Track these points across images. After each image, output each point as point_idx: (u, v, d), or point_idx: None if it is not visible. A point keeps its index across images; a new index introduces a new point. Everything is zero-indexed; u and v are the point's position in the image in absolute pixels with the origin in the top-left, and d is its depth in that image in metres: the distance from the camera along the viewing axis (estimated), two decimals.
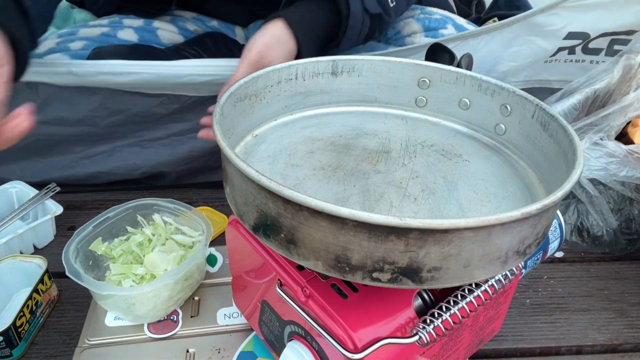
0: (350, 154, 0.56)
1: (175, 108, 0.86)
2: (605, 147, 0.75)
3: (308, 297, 0.47)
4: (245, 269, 0.58)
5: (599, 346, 0.67)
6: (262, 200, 0.40)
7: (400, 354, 0.47)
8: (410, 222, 0.34)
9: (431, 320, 0.46)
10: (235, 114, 0.54)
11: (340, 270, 0.39)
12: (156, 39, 1.00)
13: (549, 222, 0.44)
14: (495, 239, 0.38)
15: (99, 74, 0.80)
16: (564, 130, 0.49)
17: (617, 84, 0.78)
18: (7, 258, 0.70)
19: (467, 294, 0.48)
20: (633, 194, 0.76)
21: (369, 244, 0.37)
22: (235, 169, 0.41)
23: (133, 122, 0.87)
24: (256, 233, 0.44)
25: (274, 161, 0.54)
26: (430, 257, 0.37)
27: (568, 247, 0.83)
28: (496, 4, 1.27)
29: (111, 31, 0.97)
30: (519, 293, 0.74)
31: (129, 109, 0.86)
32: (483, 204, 0.50)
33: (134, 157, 0.90)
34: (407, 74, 0.63)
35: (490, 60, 0.90)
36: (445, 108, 0.63)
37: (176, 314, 0.68)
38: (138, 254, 0.69)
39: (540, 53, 0.89)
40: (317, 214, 0.37)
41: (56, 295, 0.72)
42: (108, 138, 0.89)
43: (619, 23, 0.84)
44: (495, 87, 0.58)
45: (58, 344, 0.66)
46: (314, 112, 0.64)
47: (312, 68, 0.61)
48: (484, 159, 0.57)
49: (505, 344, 0.67)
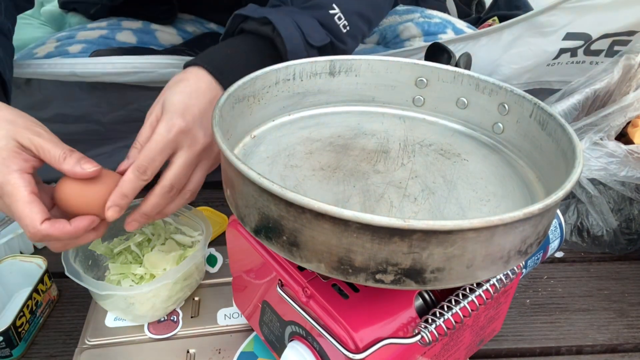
0: (349, 154, 0.56)
1: None
2: (605, 147, 0.75)
3: (309, 298, 0.47)
4: (246, 269, 0.58)
5: (599, 346, 0.67)
6: (263, 202, 0.40)
7: (402, 354, 0.47)
8: (414, 224, 0.34)
9: (433, 320, 0.46)
10: (234, 116, 0.54)
11: (343, 272, 0.39)
12: (155, 40, 1.00)
13: (550, 221, 0.44)
14: (498, 239, 0.38)
15: (103, 75, 0.80)
16: (563, 129, 0.49)
17: (617, 84, 0.78)
18: (7, 258, 0.70)
19: (469, 293, 0.48)
20: (633, 194, 0.76)
21: (372, 246, 0.37)
22: (236, 172, 0.41)
23: (135, 118, 0.87)
24: (258, 235, 0.43)
25: (272, 162, 0.54)
26: (434, 258, 0.37)
27: (568, 247, 0.83)
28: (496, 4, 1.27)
29: (110, 34, 0.97)
30: (519, 293, 0.74)
31: (131, 103, 0.86)
32: (483, 203, 0.50)
33: None
34: (404, 74, 0.63)
35: (491, 63, 0.90)
36: (443, 107, 0.63)
37: (176, 315, 0.68)
38: (137, 253, 0.69)
39: (542, 55, 0.89)
40: (319, 217, 0.37)
41: (56, 295, 0.72)
42: (109, 137, 0.89)
43: (620, 24, 0.84)
44: (493, 86, 0.58)
45: (58, 344, 0.66)
46: (312, 113, 0.64)
47: (310, 68, 0.61)
48: (483, 158, 0.57)
49: (506, 344, 0.67)
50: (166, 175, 0.58)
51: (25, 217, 0.50)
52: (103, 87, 0.83)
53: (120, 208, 0.54)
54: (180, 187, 0.59)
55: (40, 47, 0.93)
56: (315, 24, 0.70)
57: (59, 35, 0.97)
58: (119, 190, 0.54)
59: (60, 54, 0.90)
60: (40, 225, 0.50)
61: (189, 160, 0.58)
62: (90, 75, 0.80)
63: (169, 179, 0.57)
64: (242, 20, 0.70)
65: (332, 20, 0.71)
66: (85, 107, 0.85)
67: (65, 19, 1.15)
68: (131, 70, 0.81)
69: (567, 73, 0.92)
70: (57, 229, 0.51)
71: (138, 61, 0.81)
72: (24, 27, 1.11)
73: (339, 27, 0.72)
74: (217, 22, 1.12)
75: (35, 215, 0.50)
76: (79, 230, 0.53)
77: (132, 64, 0.81)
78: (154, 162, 0.56)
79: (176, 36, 1.04)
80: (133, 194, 0.55)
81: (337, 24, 0.71)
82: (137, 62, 0.81)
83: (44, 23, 1.19)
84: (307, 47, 0.68)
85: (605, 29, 0.85)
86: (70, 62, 0.81)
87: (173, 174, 0.58)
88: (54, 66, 0.80)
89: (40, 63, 0.80)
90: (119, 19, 1.02)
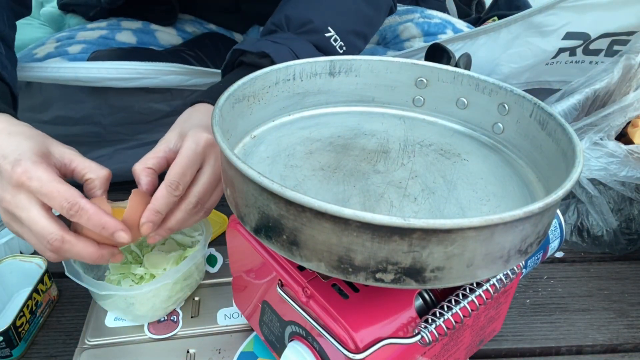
0: (349, 154, 0.56)
1: (178, 104, 0.86)
2: (605, 147, 0.75)
3: (309, 298, 0.47)
4: (246, 269, 0.58)
5: (599, 346, 0.67)
6: (263, 202, 0.40)
7: (402, 354, 0.47)
8: (414, 223, 0.34)
9: (433, 320, 0.46)
10: (234, 115, 0.54)
11: (343, 271, 0.39)
12: (155, 41, 1.00)
13: (550, 220, 0.44)
14: (498, 238, 0.38)
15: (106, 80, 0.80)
16: (563, 128, 0.49)
17: (617, 84, 0.78)
18: (7, 258, 0.70)
19: (469, 293, 0.48)
20: (633, 194, 0.76)
21: (373, 245, 0.37)
22: (236, 171, 0.41)
23: (135, 120, 0.87)
24: (258, 235, 0.43)
25: (273, 162, 0.54)
26: (434, 257, 0.37)
27: (568, 247, 0.83)
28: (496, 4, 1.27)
29: (109, 34, 0.97)
30: (519, 293, 0.74)
31: (131, 106, 0.86)
32: (483, 203, 0.50)
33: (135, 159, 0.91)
34: (404, 74, 0.63)
35: (491, 62, 0.90)
36: (443, 107, 0.63)
37: (176, 315, 0.68)
38: (137, 253, 0.69)
39: (541, 54, 0.89)
40: (320, 215, 0.37)
41: (56, 295, 0.72)
42: (110, 140, 0.89)
43: (619, 24, 0.84)
44: (493, 86, 0.58)
45: (58, 344, 0.66)
46: (312, 113, 0.64)
47: (310, 68, 0.61)
48: (483, 158, 0.58)
49: (505, 344, 0.67)
50: (192, 191, 0.58)
51: (47, 224, 0.51)
52: (104, 89, 0.83)
53: (154, 224, 0.55)
54: (204, 203, 0.59)
55: (40, 47, 0.93)
56: (311, 49, 0.72)
57: (58, 36, 0.96)
58: (153, 207, 0.55)
59: (60, 55, 0.90)
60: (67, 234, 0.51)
61: (214, 176, 0.59)
62: (94, 80, 0.80)
63: (196, 195, 0.58)
64: (241, 54, 0.71)
65: (328, 42, 0.73)
66: (85, 109, 0.85)
67: (65, 20, 1.16)
68: (135, 76, 0.81)
69: (566, 72, 0.92)
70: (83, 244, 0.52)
71: (142, 67, 0.81)
72: (23, 28, 1.11)
73: (336, 48, 0.74)
74: (216, 23, 1.13)
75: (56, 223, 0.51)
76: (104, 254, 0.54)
77: (136, 69, 0.81)
78: (185, 177, 0.56)
79: (176, 36, 1.04)
80: (166, 210, 0.56)
81: (334, 46, 0.73)
82: (140, 68, 0.81)
83: (44, 23, 1.19)
84: None
85: (605, 29, 0.85)
86: (73, 66, 0.81)
87: (199, 190, 0.58)
88: (57, 70, 0.80)
89: (44, 67, 0.80)
90: (118, 19, 1.02)
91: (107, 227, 0.52)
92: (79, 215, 0.51)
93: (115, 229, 0.52)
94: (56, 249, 0.51)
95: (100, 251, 0.53)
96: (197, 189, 0.58)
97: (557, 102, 0.81)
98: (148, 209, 0.55)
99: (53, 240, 0.51)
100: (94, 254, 0.53)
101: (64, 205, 0.50)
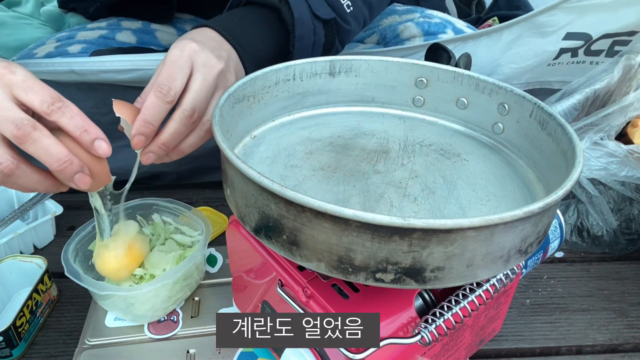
0: (349, 155, 0.56)
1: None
2: (606, 147, 0.75)
3: (309, 298, 0.47)
4: (246, 269, 0.58)
5: (599, 346, 0.67)
6: (263, 202, 0.40)
7: (402, 354, 0.47)
8: (414, 223, 0.34)
9: (433, 320, 0.46)
10: (234, 115, 0.54)
11: (343, 271, 0.39)
12: (155, 40, 1.00)
13: (550, 220, 0.44)
14: (498, 238, 0.38)
15: (101, 72, 0.80)
16: (563, 128, 0.49)
17: (617, 84, 0.78)
18: (7, 258, 0.70)
19: (469, 293, 0.48)
20: (633, 194, 0.76)
21: (373, 245, 0.37)
22: (236, 171, 0.41)
23: None
24: (258, 235, 0.43)
25: (273, 162, 0.54)
26: (434, 257, 0.37)
27: (568, 247, 0.83)
28: (496, 4, 1.27)
29: (109, 34, 0.97)
30: (519, 293, 0.74)
31: None
32: (483, 203, 0.50)
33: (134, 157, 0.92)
34: (404, 74, 0.63)
35: (491, 62, 0.90)
36: (443, 107, 0.63)
37: (176, 315, 0.68)
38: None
39: (542, 55, 0.89)
40: (320, 215, 0.37)
41: (56, 295, 0.72)
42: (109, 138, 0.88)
43: (621, 24, 0.84)
44: (493, 86, 0.58)
45: (58, 344, 0.66)
46: (312, 113, 0.64)
47: (310, 68, 0.61)
48: (483, 158, 0.58)
49: (505, 344, 0.67)
50: (186, 99, 0.54)
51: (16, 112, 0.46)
52: (102, 87, 0.83)
53: (145, 137, 0.52)
54: (201, 113, 0.55)
55: (40, 47, 0.93)
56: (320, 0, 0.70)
57: (59, 36, 0.96)
58: (142, 117, 0.51)
59: (60, 54, 0.90)
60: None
61: (207, 83, 0.55)
62: (89, 73, 0.80)
63: (190, 101, 0.54)
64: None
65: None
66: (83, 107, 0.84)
67: (65, 18, 1.16)
68: (130, 68, 0.80)
69: (567, 73, 0.92)
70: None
71: (136, 59, 0.80)
72: (24, 27, 1.12)
73: (343, 6, 0.72)
74: None
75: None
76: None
77: (131, 61, 0.80)
78: (175, 82, 0.52)
79: (176, 36, 1.04)
80: (158, 121, 0.52)
81: (341, 3, 0.72)
82: (135, 59, 0.80)
83: (44, 23, 1.19)
84: (313, 17, 0.68)
85: (606, 29, 0.85)
86: (68, 60, 0.81)
87: (192, 96, 0.54)
88: (52, 65, 0.80)
89: (39, 62, 0.80)
90: (118, 19, 1.02)
91: (89, 131, 0.48)
92: (61, 112, 0.47)
93: (97, 134, 0.48)
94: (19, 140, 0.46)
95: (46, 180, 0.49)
96: (191, 94, 0.54)
97: (557, 102, 0.81)
98: (137, 119, 0.51)
99: (17, 130, 0.45)
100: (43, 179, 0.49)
101: (47, 100, 0.46)
